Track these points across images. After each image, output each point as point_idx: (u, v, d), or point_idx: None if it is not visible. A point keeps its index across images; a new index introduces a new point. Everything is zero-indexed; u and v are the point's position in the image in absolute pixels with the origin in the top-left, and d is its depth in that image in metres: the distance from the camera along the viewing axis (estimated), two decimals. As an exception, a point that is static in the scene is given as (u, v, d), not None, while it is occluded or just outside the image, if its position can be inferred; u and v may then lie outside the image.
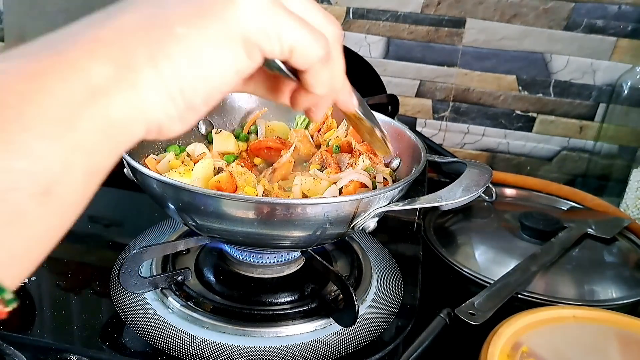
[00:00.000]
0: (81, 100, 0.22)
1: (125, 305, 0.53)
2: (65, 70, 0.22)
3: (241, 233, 0.47)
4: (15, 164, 0.20)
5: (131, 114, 0.24)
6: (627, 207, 0.84)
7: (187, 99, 0.26)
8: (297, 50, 0.29)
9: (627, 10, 0.87)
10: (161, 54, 0.25)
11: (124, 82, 0.24)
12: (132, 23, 0.25)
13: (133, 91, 0.24)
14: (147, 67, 0.24)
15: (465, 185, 0.50)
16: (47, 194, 0.21)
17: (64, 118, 0.22)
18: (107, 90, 0.23)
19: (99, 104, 0.23)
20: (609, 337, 0.52)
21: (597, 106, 0.94)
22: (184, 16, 0.26)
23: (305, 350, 0.49)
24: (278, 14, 0.28)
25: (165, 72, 0.25)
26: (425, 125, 1.01)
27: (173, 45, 0.25)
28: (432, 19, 0.94)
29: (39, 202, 0.21)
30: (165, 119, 0.26)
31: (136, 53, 0.24)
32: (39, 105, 0.21)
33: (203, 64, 0.26)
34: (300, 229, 0.46)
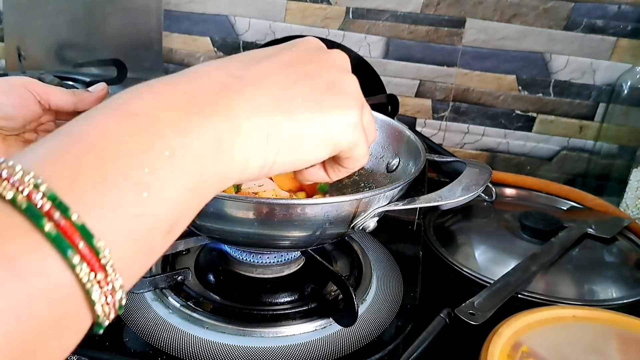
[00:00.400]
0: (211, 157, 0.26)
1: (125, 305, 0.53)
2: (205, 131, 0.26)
3: (241, 233, 0.47)
4: (160, 210, 0.24)
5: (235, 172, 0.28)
6: (627, 207, 0.84)
7: (271, 171, 0.31)
8: (354, 159, 0.35)
9: (627, 10, 0.87)
10: (276, 135, 0.29)
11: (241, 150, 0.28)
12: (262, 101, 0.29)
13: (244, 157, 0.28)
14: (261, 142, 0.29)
15: (465, 184, 0.50)
16: (170, 232, 0.25)
17: (196, 172, 0.25)
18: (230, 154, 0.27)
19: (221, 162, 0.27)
20: (609, 337, 0.52)
21: (597, 106, 0.94)
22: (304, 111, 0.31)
23: (305, 350, 0.49)
24: (361, 133, 0.34)
25: (272, 150, 0.29)
26: (425, 125, 1.01)
27: (287, 132, 0.30)
28: (432, 19, 0.94)
29: (164, 240, 0.25)
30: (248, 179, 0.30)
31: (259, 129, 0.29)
32: (184, 159, 0.25)
33: (299, 152, 0.31)
34: (300, 229, 0.46)
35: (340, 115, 0.32)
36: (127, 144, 0.23)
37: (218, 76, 0.29)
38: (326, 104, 0.32)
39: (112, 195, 0.22)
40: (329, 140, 0.32)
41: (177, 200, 0.24)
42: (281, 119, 0.30)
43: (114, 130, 0.24)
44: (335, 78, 0.33)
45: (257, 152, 0.29)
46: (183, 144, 0.25)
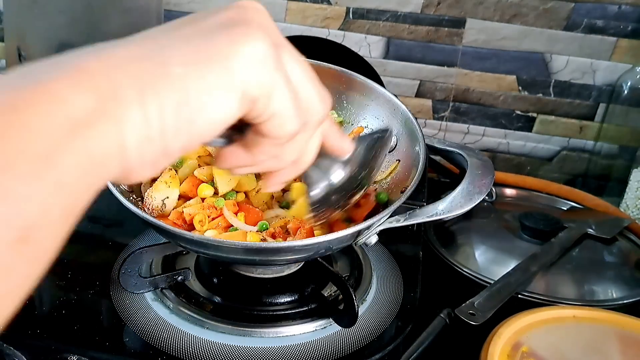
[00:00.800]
0: (62, 135, 0.20)
1: (125, 305, 0.53)
2: (45, 102, 0.20)
3: (237, 260, 0.47)
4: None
5: (110, 150, 0.22)
6: (627, 207, 0.84)
7: (166, 143, 0.24)
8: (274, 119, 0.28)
9: (627, 10, 0.87)
10: (151, 89, 0.23)
11: (107, 116, 0.22)
12: (126, 56, 0.23)
13: (115, 125, 0.22)
14: (132, 102, 0.22)
15: (467, 192, 0.50)
16: (24, 241, 0.19)
17: (43, 155, 0.19)
18: (89, 123, 0.21)
19: (80, 137, 0.21)
20: (609, 337, 0.52)
21: (597, 106, 0.94)
22: (184, 56, 0.24)
23: (305, 350, 0.49)
24: (276, 75, 0.26)
25: (151, 109, 0.23)
26: (425, 125, 1.01)
27: (166, 84, 0.23)
28: (432, 19, 0.94)
29: (15, 251, 0.19)
30: (139, 160, 0.23)
31: (124, 85, 0.22)
32: (17, 141, 0.19)
33: (193, 109, 0.24)
34: (301, 255, 0.46)
35: (235, 45, 0.25)
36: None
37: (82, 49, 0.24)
38: (216, 38, 0.25)
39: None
40: (228, 84, 0.25)
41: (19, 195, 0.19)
42: (153, 69, 0.23)
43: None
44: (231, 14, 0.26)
45: (132, 118, 0.22)
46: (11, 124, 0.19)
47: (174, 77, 0.24)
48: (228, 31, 0.25)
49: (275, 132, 0.28)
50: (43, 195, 0.19)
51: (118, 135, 0.22)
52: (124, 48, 0.24)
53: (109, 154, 0.22)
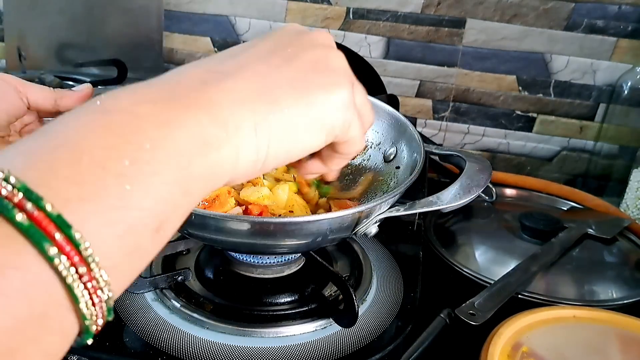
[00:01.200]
0: (196, 152, 0.25)
1: (125, 305, 0.53)
2: (188, 124, 0.25)
3: (238, 244, 0.47)
4: (145, 203, 0.22)
5: (227, 167, 0.27)
6: (627, 207, 0.84)
7: (264, 165, 0.30)
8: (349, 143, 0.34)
9: (627, 10, 0.87)
10: (264, 124, 0.28)
11: (229, 143, 0.27)
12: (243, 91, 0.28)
13: (234, 151, 0.27)
14: (249, 134, 0.28)
15: (465, 185, 0.50)
16: (159, 230, 0.23)
17: (182, 166, 0.24)
18: (217, 147, 0.26)
19: (208, 157, 0.26)
20: (609, 337, 0.51)
21: (597, 106, 0.94)
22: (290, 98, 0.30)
23: (305, 350, 0.49)
24: (354, 112, 0.33)
25: (262, 140, 0.28)
26: (426, 125, 1.01)
27: (275, 120, 0.29)
28: (432, 19, 0.94)
29: (152, 238, 0.23)
30: (242, 176, 0.29)
31: (244, 120, 0.28)
32: (166, 151, 0.24)
33: (292, 141, 0.30)
34: (301, 239, 0.46)
35: (328, 94, 0.31)
36: (104, 137, 0.22)
37: (196, 73, 0.28)
38: (312, 84, 0.31)
39: (90, 186, 0.21)
40: (321, 124, 0.31)
41: (162, 195, 0.23)
42: (266, 108, 0.29)
43: (89, 126, 0.23)
44: (318, 56, 0.32)
45: (247, 146, 0.28)
46: (164, 137, 0.24)
47: (282, 115, 0.29)
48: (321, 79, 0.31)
49: (348, 151, 0.35)
50: (176, 198, 0.24)
51: (234, 158, 0.27)
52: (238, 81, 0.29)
53: (225, 171, 0.27)
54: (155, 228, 0.23)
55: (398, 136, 0.60)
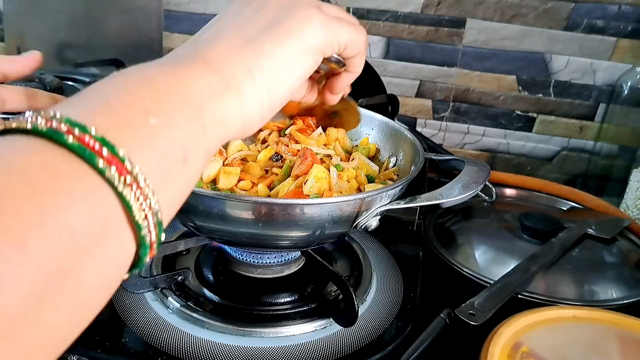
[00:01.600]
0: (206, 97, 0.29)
1: (125, 305, 0.53)
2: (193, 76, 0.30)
3: (242, 234, 0.47)
4: (170, 134, 0.26)
5: (236, 112, 0.31)
6: (627, 207, 0.84)
7: (271, 102, 0.34)
8: (350, 43, 0.39)
9: (627, 10, 0.87)
10: (255, 67, 0.33)
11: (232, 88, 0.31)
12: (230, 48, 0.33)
13: (238, 95, 0.32)
14: (245, 78, 0.32)
15: (465, 182, 0.50)
16: (185, 161, 0.27)
17: (196, 106, 0.28)
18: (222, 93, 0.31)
19: (217, 101, 0.30)
20: (609, 337, 0.51)
21: (597, 106, 0.94)
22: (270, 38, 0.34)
23: (305, 350, 0.49)
24: (333, 24, 0.37)
25: (259, 80, 0.33)
26: (425, 125, 1.01)
27: (265, 60, 0.33)
28: (432, 19, 0.94)
29: (181, 167, 0.27)
30: (254, 118, 0.33)
31: (237, 68, 0.32)
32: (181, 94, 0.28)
33: (285, 72, 0.34)
34: (303, 229, 0.46)
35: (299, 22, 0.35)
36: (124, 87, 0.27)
37: (186, 47, 0.33)
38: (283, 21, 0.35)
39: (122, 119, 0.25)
40: (304, 49, 0.35)
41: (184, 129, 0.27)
42: (252, 52, 0.33)
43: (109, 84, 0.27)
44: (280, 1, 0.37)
45: (247, 87, 0.32)
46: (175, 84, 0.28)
47: (267, 53, 0.34)
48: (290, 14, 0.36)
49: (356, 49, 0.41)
50: (196, 133, 0.28)
51: (239, 100, 0.32)
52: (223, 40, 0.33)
53: (235, 112, 0.31)
54: (182, 158, 0.27)
55: (396, 145, 0.61)
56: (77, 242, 0.21)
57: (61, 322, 0.22)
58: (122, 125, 0.24)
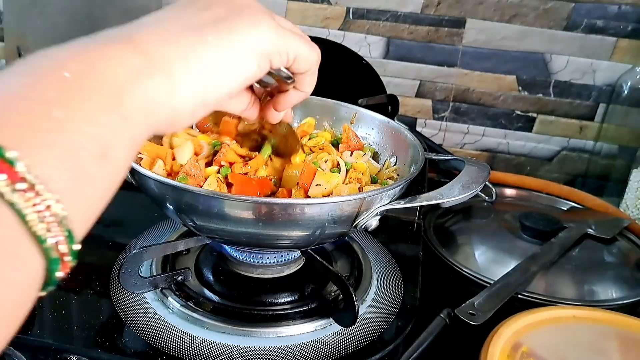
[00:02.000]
0: (127, 81, 0.26)
1: (125, 305, 0.53)
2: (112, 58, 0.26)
3: (243, 234, 0.47)
4: (81, 127, 0.23)
5: (163, 98, 0.29)
6: (627, 207, 0.84)
7: (205, 96, 0.31)
8: (300, 57, 0.37)
9: (627, 10, 0.87)
10: (193, 54, 0.30)
11: (160, 72, 0.28)
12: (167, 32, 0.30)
13: (167, 79, 0.29)
14: (179, 62, 0.29)
15: (465, 182, 0.51)
16: (105, 156, 0.24)
17: (114, 93, 0.25)
18: (147, 75, 0.28)
19: (141, 85, 0.27)
20: (609, 337, 0.52)
21: (597, 106, 0.94)
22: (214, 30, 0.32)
23: (305, 350, 0.49)
24: (285, 33, 0.36)
25: (194, 69, 0.30)
26: (425, 125, 1.01)
27: (203, 50, 0.31)
28: (432, 19, 0.94)
29: (99, 163, 0.24)
30: (182, 111, 0.30)
31: (172, 52, 0.29)
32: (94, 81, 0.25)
33: (226, 67, 0.32)
34: (303, 228, 0.46)
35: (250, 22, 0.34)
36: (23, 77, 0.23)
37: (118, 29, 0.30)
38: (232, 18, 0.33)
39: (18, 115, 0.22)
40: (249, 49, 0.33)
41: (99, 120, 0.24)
42: (191, 41, 0.31)
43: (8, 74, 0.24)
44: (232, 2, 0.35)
45: (181, 78, 0.29)
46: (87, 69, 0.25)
47: (209, 44, 0.31)
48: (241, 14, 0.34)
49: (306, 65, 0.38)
50: (116, 124, 0.25)
51: (168, 87, 0.29)
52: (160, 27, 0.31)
53: (162, 100, 0.29)
54: (99, 153, 0.24)
55: (396, 145, 0.61)
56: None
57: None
58: (18, 122, 0.21)
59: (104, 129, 0.24)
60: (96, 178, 0.24)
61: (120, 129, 0.25)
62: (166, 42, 0.30)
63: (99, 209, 0.25)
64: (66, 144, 0.22)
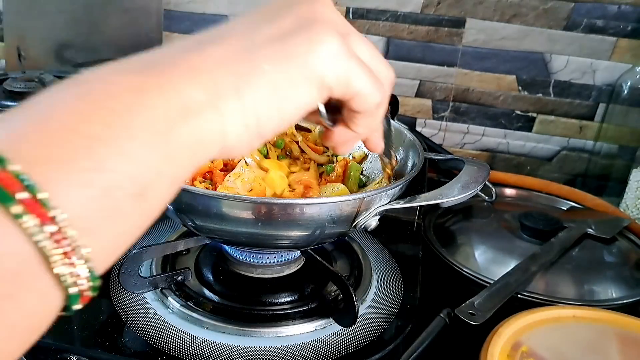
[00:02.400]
0: (176, 118, 0.25)
1: (125, 305, 0.53)
2: (165, 89, 0.25)
3: (242, 234, 0.47)
4: (121, 167, 0.22)
5: (213, 135, 0.27)
6: (627, 207, 0.84)
7: (260, 128, 0.29)
8: (359, 96, 0.32)
9: (627, 10, 0.87)
10: (246, 85, 0.28)
11: (212, 107, 0.26)
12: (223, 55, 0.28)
13: (218, 116, 0.27)
14: (232, 97, 0.27)
15: (464, 182, 0.51)
16: (141, 196, 0.23)
17: (161, 131, 0.24)
18: (198, 112, 0.26)
19: (190, 123, 0.25)
20: (609, 337, 0.52)
21: (597, 106, 0.94)
22: (270, 54, 0.29)
23: (305, 350, 0.49)
24: (351, 62, 0.31)
25: (247, 102, 0.28)
26: (425, 125, 1.01)
27: (257, 80, 0.28)
28: (432, 19, 0.94)
29: (134, 202, 0.23)
30: (237, 143, 0.28)
31: (224, 82, 0.27)
32: (143, 116, 0.24)
33: (281, 99, 0.29)
34: (303, 228, 0.46)
35: (310, 45, 0.29)
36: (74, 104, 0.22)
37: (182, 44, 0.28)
38: (293, 39, 0.29)
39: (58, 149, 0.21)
40: (306, 78, 0.29)
41: (140, 160, 0.23)
42: (247, 69, 0.28)
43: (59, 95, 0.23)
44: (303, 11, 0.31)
45: (232, 109, 0.27)
46: (139, 102, 0.24)
47: (264, 73, 0.28)
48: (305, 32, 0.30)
49: (363, 106, 0.33)
50: (158, 163, 0.24)
51: (220, 123, 0.27)
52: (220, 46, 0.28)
53: (212, 137, 0.27)
54: (136, 193, 0.23)
55: (396, 145, 0.61)
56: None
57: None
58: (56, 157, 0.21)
59: (145, 168, 0.23)
60: (129, 216, 0.23)
61: (162, 169, 0.24)
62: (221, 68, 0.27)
63: (127, 245, 0.24)
64: (104, 184, 0.22)
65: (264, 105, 0.28)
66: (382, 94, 0.33)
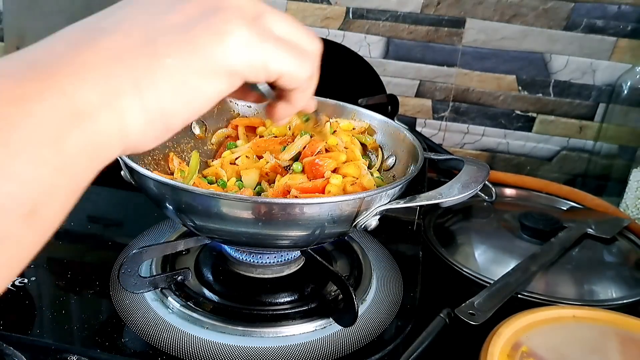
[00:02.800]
0: (65, 125, 0.22)
1: (125, 305, 0.53)
2: (50, 94, 0.22)
3: (242, 234, 0.47)
4: (7, 188, 0.21)
5: (111, 136, 0.25)
6: (627, 207, 0.84)
7: (166, 122, 0.27)
8: (285, 76, 0.31)
9: (627, 10, 0.87)
10: (146, 81, 0.26)
11: (108, 107, 0.24)
12: (119, 48, 0.25)
13: (115, 115, 0.25)
14: (130, 94, 0.25)
15: (464, 182, 0.51)
16: (32, 214, 0.22)
17: (49, 142, 0.22)
18: (91, 115, 0.24)
19: (83, 127, 0.23)
20: (609, 337, 0.52)
21: (597, 106, 0.94)
22: (173, 46, 0.27)
23: (305, 350, 0.49)
24: (264, 46, 0.29)
25: (149, 99, 0.26)
26: (425, 125, 1.01)
27: (159, 74, 0.26)
28: (432, 19, 0.94)
29: (24, 223, 0.21)
30: (142, 138, 0.27)
31: (121, 79, 0.25)
32: (25, 129, 0.21)
33: (186, 92, 0.27)
34: (303, 228, 0.46)
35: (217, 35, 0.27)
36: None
37: (71, 35, 0.26)
38: (198, 28, 0.27)
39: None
40: (215, 69, 0.28)
41: (28, 177, 0.21)
42: (146, 62, 0.26)
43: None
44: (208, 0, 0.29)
45: (131, 107, 0.25)
46: (21, 113, 0.21)
47: (165, 68, 0.26)
48: (209, 21, 0.28)
49: (292, 84, 0.32)
50: (49, 178, 0.22)
51: (119, 123, 0.25)
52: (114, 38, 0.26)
53: (111, 139, 0.25)
54: (26, 213, 0.21)
55: (396, 145, 0.61)
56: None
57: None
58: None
59: (34, 185, 0.21)
60: (21, 238, 0.22)
61: (55, 182, 0.22)
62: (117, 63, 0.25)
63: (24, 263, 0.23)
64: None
65: (168, 99, 0.27)
66: (309, 66, 0.32)
